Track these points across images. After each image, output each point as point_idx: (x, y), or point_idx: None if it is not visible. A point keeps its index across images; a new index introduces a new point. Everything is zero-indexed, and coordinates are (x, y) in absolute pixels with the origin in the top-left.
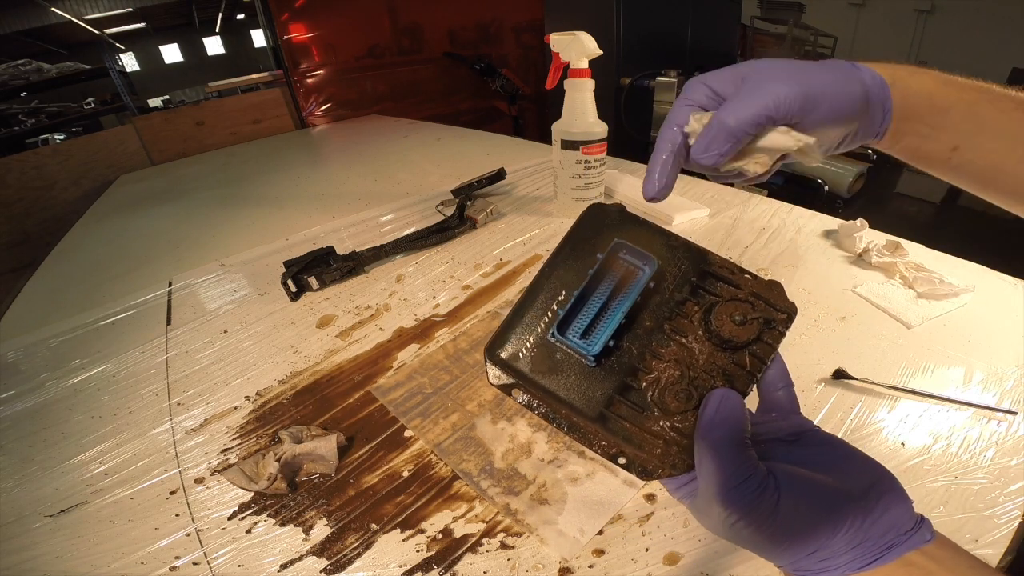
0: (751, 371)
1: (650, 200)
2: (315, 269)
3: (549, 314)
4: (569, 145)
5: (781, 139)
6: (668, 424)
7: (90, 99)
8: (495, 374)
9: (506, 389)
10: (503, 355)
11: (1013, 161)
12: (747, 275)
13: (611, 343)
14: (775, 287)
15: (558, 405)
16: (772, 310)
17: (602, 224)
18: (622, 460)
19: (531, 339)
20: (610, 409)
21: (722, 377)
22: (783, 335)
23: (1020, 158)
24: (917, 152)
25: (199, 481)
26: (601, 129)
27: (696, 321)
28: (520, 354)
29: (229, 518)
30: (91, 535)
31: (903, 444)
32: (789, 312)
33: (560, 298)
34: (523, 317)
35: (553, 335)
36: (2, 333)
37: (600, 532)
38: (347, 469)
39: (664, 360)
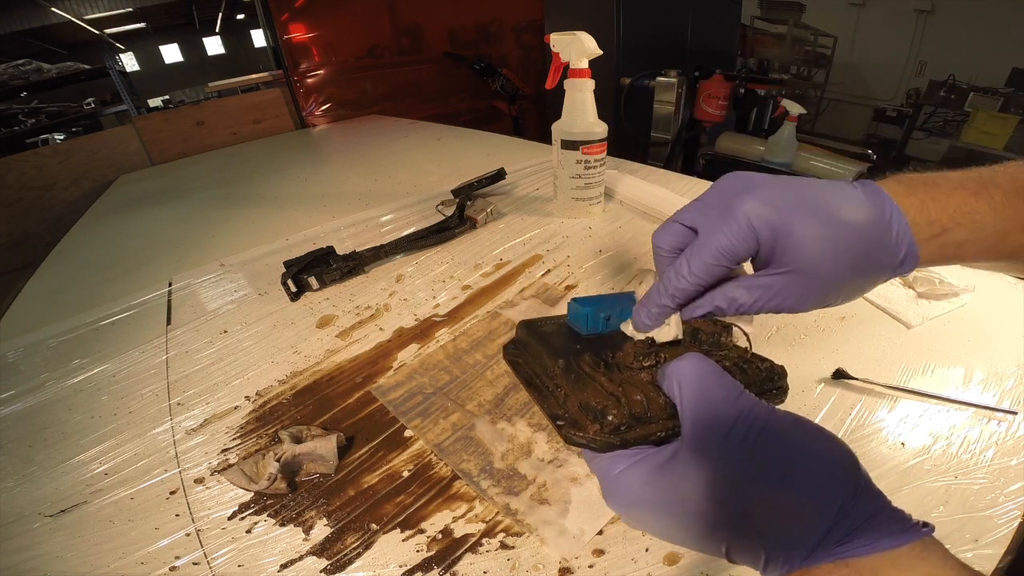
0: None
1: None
2: (315, 269)
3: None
4: (569, 145)
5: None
6: (627, 376)
7: (90, 99)
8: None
9: (510, 355)
10: (528, 320)
11: None
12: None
13: (606, 316)
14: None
15: (535, 360)
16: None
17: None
18: (560, 422)
19: (553, 322)
20: (576, 360)
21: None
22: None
23: None
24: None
25: (199, 481)
26: (601, 129)
27: (687, 337)
28: (540, 323)
29: (229, 518)
30: (91, 535)
31: (903, 444)
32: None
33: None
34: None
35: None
36: (2, 333)
37: (600, 532)
38: (347, 469)
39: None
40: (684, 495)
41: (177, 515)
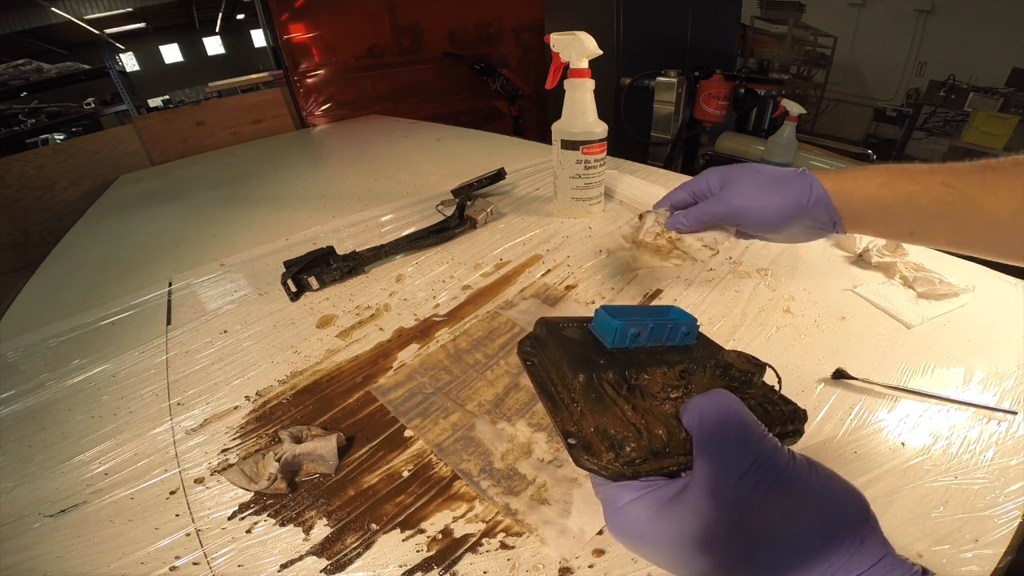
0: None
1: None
2: (315, 269)
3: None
4: (569, 145)
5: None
6: (651, 405)
7: (90, 99)
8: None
9: (525, 352)
10: (549, 319)
11: (965, 240)
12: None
13: (635, 333)
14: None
15: (552, 366)
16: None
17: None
18: (572, 440)
19: (576, 324)
20: (599, 378)
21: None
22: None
23: (969, 238)
24: (882, 235)
25: (199, 481)
26: (601, 129)
27: (710, 367)
28: (562, 324)
29: (229, 518)
30: (91, 535)
31: (903, 444)
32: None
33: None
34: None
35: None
36: (2, 333)
37: (600, 532)
38: (347, 469)
39: (668, 368)
40: (688, 533)
41: (177, 515)
